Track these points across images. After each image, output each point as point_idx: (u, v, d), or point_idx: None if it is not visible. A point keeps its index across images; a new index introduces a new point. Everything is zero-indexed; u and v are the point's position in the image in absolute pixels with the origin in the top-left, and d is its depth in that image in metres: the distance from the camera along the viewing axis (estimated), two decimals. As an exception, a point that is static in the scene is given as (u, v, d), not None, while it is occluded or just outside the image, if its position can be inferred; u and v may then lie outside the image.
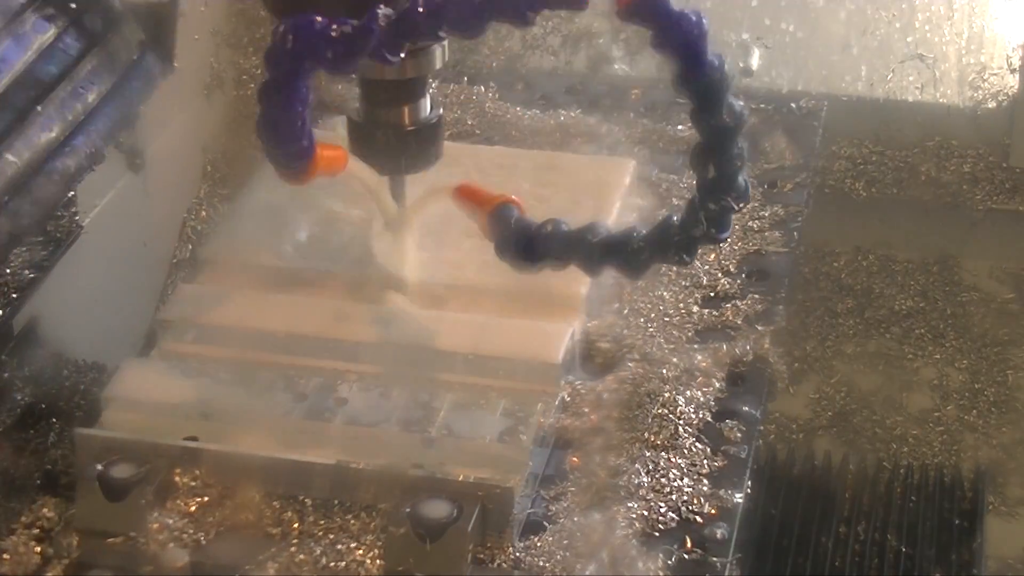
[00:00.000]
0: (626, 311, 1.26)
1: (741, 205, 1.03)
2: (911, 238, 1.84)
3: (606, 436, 1.13)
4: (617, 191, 1.36)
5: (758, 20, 1.80)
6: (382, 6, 0.98)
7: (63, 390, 1.22)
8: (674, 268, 1.29)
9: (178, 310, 1.23)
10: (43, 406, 1.19)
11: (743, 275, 1.33)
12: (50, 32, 1.25)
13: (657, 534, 1.06)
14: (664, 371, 1.18)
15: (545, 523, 1.06)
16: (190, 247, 1.55)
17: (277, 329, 1.19)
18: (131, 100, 1.32)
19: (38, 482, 1.13)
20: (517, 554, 1.04)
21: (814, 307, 1.87)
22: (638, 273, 1.08)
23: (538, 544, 1.05)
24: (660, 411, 1.15)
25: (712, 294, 1.30)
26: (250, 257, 1.27)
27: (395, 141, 1.17)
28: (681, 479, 1.10)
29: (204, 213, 1.58)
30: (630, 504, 1.07)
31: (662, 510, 1.07)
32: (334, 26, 0.98)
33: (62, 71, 1.24)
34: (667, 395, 1.16)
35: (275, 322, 1.19)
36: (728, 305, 1.29)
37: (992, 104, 1.75)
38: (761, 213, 1.40)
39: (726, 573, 1.04)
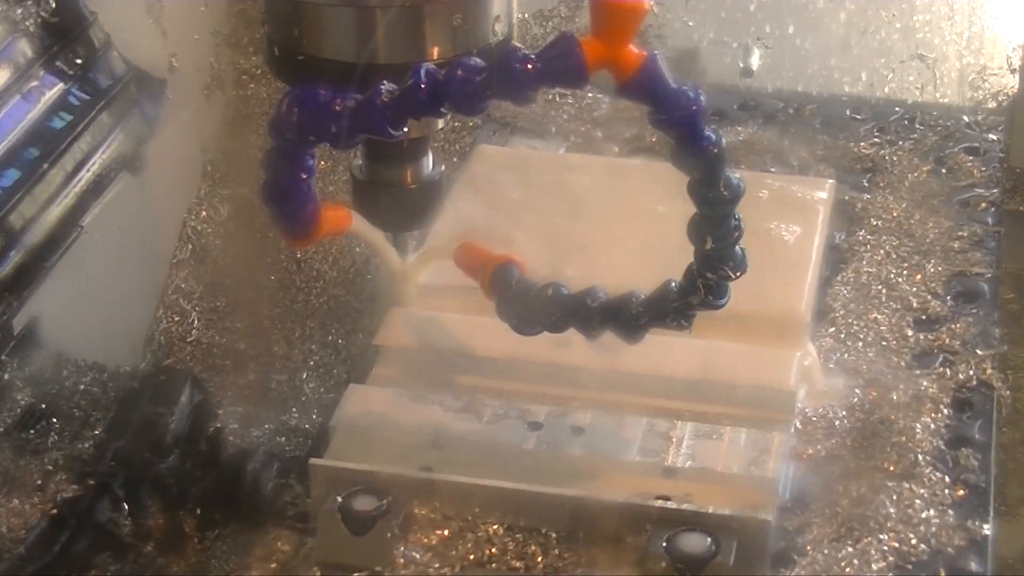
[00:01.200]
0: (843, 334, 1.25)
1: (738, 274, 1.04)
2: (911, 238, 1.84)
3: (843, 464, 1.10)
4: (821, 210, 1.35)
5: (758, 20, 1.80)
6: (385, 82, 0.99)
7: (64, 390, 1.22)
8: (884, 292, 1.31)
9: (394, 334, 1.21)
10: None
11: (951, 297, 1.32)
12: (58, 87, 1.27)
13: (910, 567, 1.03)
14: (894, 397, 1.17)
15: (794, 555, 1.04)
16: (190, 247, 1.55)
17: (497, 354, 1.17)
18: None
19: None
20: None
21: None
22: (636, 337, 1.09)
23: None
24: (897, 439, 1.13)
25: (924, 317, 1.29)
26: (459, 278, 1.20)
27: (398, 199, 1.18)
28: (927, 509, 1.08)
29: (204, 213, 1.58)
30: (881, 536, 1.05)
31: (912, 542, 1.05)
32: (338, 100, 0.99)
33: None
34: (902, 423, 1.14)
35: (494, 346, 1.17)
36: (943, 328, 1.28)
37: (992, 104, 1.75)
38: (959, 233, 1.40)
39: None
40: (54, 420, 1.17)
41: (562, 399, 1.14)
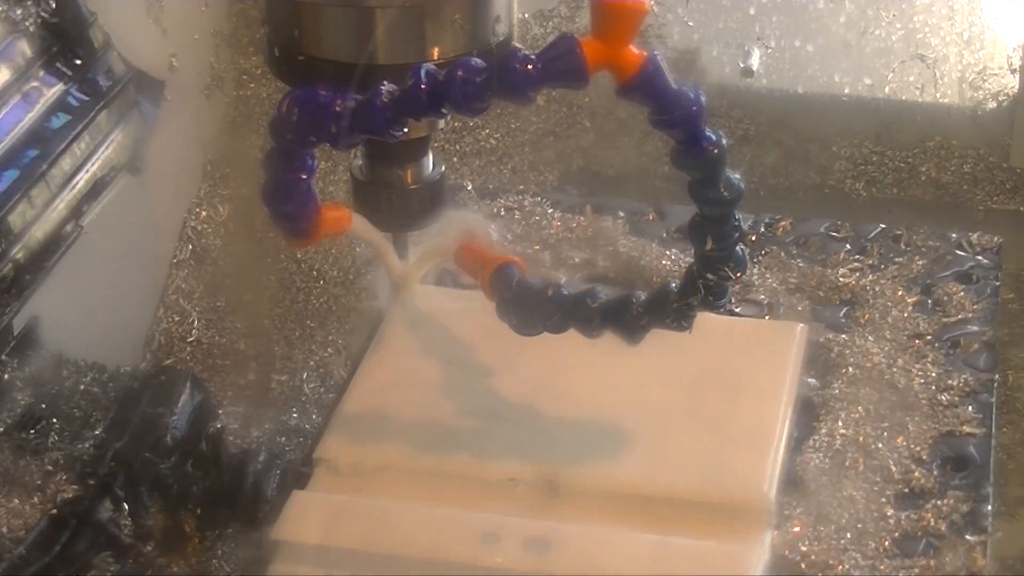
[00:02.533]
0: (814, 516, 1.08)
1: (739, 275, 1.04)
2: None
3: None
4: (790, 365, 1.18)
5: (758, 20, 1.80)
6: (385, 82, 0.99)
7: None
8: (861, 460, 1.13)
9: (294, 527, 1.04)
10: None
11: (937, 464, 1.16)
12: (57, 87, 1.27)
13: None
14: None
15: None
16: (190, 247, 1.55)
17: (417, 552, 1.01)
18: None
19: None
20: None
21: (814, 307, 1.87)
22: (636, 338, 1.08)
23: None
24: None
25: (906, 490, 1.12)
26: (371, 458, 1.09)
27: (398, 199, 1.18)
28: None
29: (204, 213, 1.58)
30: None
31: None
32: (338, 101, 0.99)
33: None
34: None
35: (408, 543, 1.02)
36: (927, 505, 1.11)
37: (992, 104, 1.75)
38: (948, 382, 1.23)
39: None
40: (54, 420, 1.17)
41: None
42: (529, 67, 0.96)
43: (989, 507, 1.12)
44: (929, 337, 1.25)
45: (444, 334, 1.20)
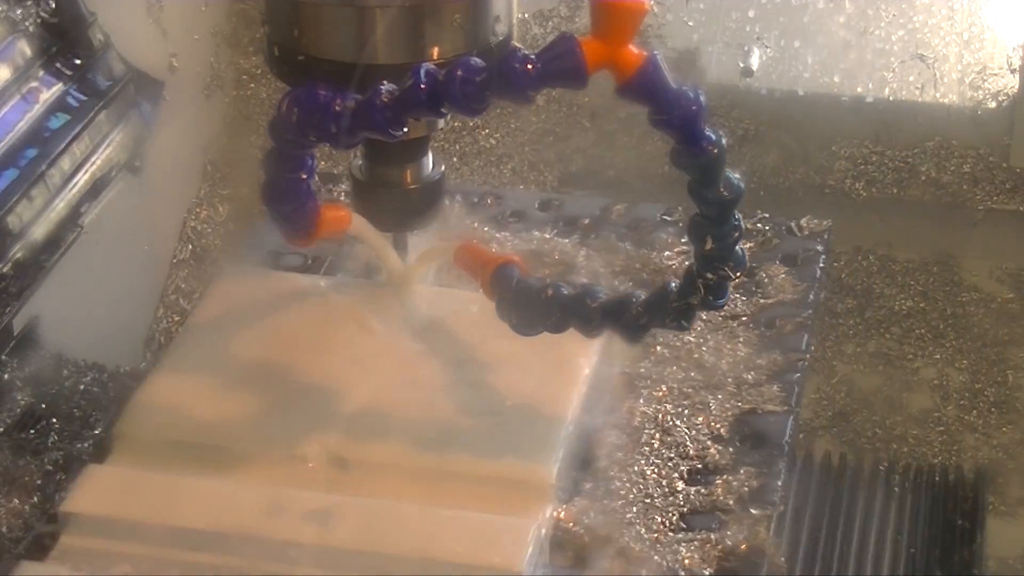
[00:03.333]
0: (600, 491, 1.09)
1: (739, 274, 1.04)
2: (911, 238, 1.84)
3: None
4: (593, 340, 1.16)
5: (758, 20, 1.80)
6: (385, 82, 0.99)
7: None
8: (658, 437, 1.15)
9: (85, 500, 1.05)
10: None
11: (737, 441, 1.15)
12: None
13: None
14: (643, 572, 1.03)
15: None
16: (190, 247, 1.55)
17: (197, 525, 1.03)
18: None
19: None
20: None
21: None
22: (637, 337, 1.08)
23: None
24: None
25: (700, 466, 1.12)
26: (168, 432, 1.10)
27: (398, 199, 1.18)
28: None
29: (204, 213, 1.58)
30: None
31: None
32: (338, 100, 0.99)
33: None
34: None
35: (195, 516, 1.03)
36: (719, 480, 1.11)
37: (992, 104, 1.75)
38: (757, 361, 1.22)
39: None
40: (54, 420, 1.18)
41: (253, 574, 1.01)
42: (529, 67, 0.96)
43: (779, 482, 1.11)
44: (745, 318, 1.25)
45: (253, 318, 1.20)
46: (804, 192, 1.81)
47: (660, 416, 1.17)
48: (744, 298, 1.29)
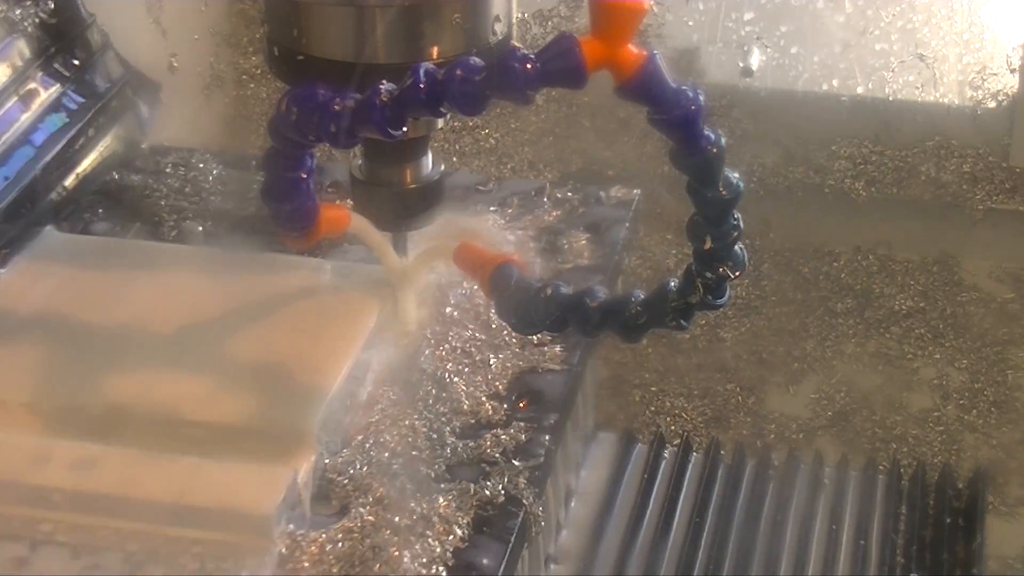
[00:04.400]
0: (369, 443, 1.12)
1: (738, 273, 1.04)
2: (911, 238, 1.84)
3: None
4: (374, 301, 1.22)
5: (758, 20, 1.80)
6: (385, 82, 0.99)
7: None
8: (434, 392, 1.17)
9: None
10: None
11: (512, 398, 1.18)
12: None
13: None
14: (397, 519, 1.06)
15: None
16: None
17: None
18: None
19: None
20: None
21: (814, 307, 1.87)
22: (636, 338, 1.08)
23: None
24: (382, 568, 1.03)
25: (473, 421, 1.15)
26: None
27: (398, 199, 1.18)
28: None
29: (204, 213, 1.58)
30: None
31: None
32: (337, 100, 0.99)
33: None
34: (394, 551, 1.04)
35: None
36: (488, 435, 1.13)
37: (992, 104, 1.75)
38: None
39: None
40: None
41: (32, 522, 1.04)
42: (528, 66, 0.96)
43: (548, 437, 1.14)
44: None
45: (55, 278, 1.23)
46: (804, 192, 1.81)
47: (440, 373, 1.19)
48: (543, 263, 1.31)
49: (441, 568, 1.03)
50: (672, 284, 1.07)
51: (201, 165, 1.40)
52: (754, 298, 1.88)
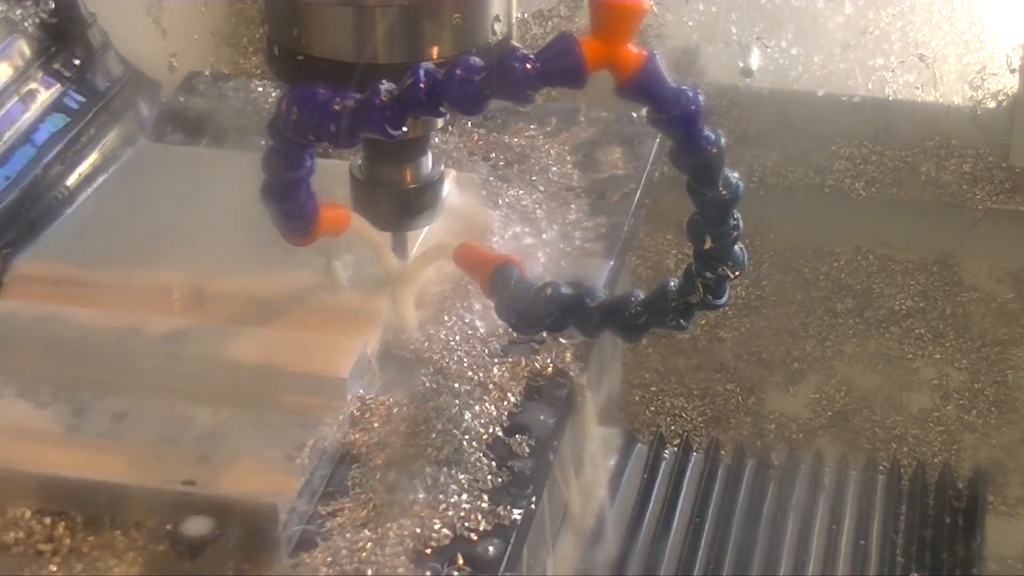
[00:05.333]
0: (431, 323, 1.21)
1: (738, 273, 1.04)
2: (911, 238, 1.84)
3: (390, 452, 1.10)
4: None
5: (758, 20, 1.80)
6: (384, 81, 0.99)
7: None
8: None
9: None
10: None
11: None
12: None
13: (429, 551, 1.03)
14: (456, 385, 1.16)
15: (318, 540, 1.04)
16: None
17: (65, 343, 1.16)
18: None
19: None
20: (284, 572, 1.01)
21: (814, 307, 1.87)
22: (636, 337, 1.09)
23: (307, 561, 1.02)
24: (446, 426, 1.12)
25: None
26: (50, 270, 1.22)
27: (397, 199, 1.18)
28: (460, 495, 1.07)
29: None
30: (403, 521, 1.05)
31: (436, 527, 1.05)
32: (337, 99, 0.99)
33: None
34: (455, 410, 1.13)
35: (65, 336, 1.16)
36: None
37: (992, 104, 1.75)
38: (585, 224, 1.34)
39: None
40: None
41: (124, 387, 1.13)
42: (528, 66, 0.96)
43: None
44: (579, 189, 1.37)
45: (154, 179, 1.34)
46: (804, 192, 1.81)
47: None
48: (580, 173, 1.40)
49: (497, 428, 1.12)
50: (672, 284, 1.07)
51: (260, 89, 1.49)
52: (754, 298, 1.89)
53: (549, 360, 1.19)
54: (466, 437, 1.12)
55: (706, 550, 1.47)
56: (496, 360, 1.18)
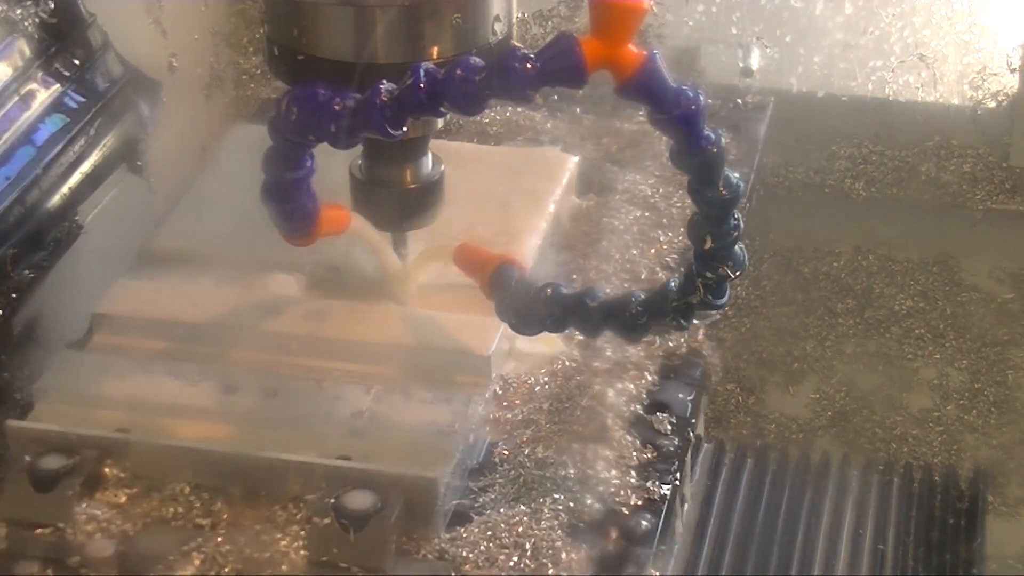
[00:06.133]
0: None
1: (738, 273, 1.04)
2: (911, 238, 1.84)
3: (536, 428, 1.13)
4: (560, 182, 1.36)
5: (758, 20, 1.80)
6: (385, 81, 0.99)
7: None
8: (617, 256, 1.31)
9: (113, 304, 1.22)
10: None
11: (682, 269, 1.26)
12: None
13: (582, 525, 1.06)
14: (596, 364, 1.19)
15: (472, 514, 1.07)
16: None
17: (210, 322, 1.19)
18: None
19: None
20: (442, 545, 1.04)
21: (814, 307, 1.87)
22: (636, 337, 1.10)
23: (464, 535, 1.05)
24: (589, 403, 1.15)
25: (650, 287, 1.25)
26: (189, 249, 1.27)
27: (397, 199, 1.18)
28: (608, 471, 1.10)
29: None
30: (556, 496, 1.08)
31: (588, 502, 1.08)
32: (337, 100, 0.99)
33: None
34: (597, 388, 1.16)
35: (208, 315, 1.20)
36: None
37: (992, 104, 1.75)
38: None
39: (649, 564, 1.05)
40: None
41: (270, 365, 1.16)
42: (528, 66, 0.96)
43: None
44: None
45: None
46: (804, 192, 1.81)
47: (619, 246, 1.33)
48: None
49: (637, 406, 1.16)
50: (672, 284, 1.07)
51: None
52: (754, 298, 1.89)
53: (683, 339, 1.23)
54: (610, 414, 1.14)
55: (706, 550, 1.48)
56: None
